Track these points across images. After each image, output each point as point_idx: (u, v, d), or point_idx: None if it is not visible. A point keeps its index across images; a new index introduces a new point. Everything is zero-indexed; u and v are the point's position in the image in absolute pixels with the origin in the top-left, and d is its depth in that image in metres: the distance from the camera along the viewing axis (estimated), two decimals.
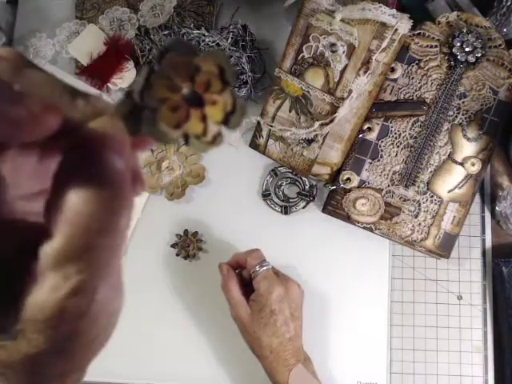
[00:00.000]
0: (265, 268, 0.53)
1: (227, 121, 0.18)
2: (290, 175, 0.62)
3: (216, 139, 0.19)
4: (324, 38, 0.55)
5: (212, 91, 0.18)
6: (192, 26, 0.62)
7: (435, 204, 0.57)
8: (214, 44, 0.60)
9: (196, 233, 0.62)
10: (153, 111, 0.16)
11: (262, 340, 0.51)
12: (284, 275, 0.55)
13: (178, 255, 0.61)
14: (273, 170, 0.62)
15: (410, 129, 0.57)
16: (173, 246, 0.62)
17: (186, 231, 0.62)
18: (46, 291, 0.15)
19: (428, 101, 0.57)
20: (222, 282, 0.55)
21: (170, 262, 0.62)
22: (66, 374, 0.17)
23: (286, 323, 0.52)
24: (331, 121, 0.56)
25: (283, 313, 0.52)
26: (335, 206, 0.59)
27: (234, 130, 0.20)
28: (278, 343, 0.51)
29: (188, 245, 0.61)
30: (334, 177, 0.59)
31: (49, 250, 0.15)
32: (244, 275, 0.55)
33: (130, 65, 0.63)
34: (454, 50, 0.56)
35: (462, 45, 0.55)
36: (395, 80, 0.57)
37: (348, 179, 0.58)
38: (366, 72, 0.54)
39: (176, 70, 0.17)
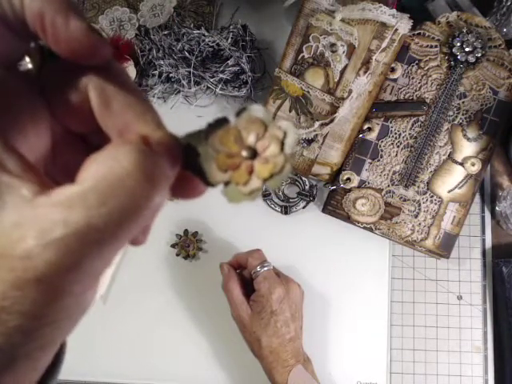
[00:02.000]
0: (266, 268, 0.53)
1: (270, 180, 0.19)
2: (290, 175, 0.62)
3: (253, 193, 0.19)
4: (324, 37, 0.55)
5: (269, 152, 0.19)
6: (192, 25, 0.62)
7: (435, 204, 0.57)
8: (213, 44, 0.61)
9: (196, 233, 0.62)
10: (210, 152, 0.18)
11: (261, 340, 0.51)
12: (285, 276, 0.55)
13: (178, 255, 0.61)
14: None
15: (410, 129, 0.57)
16: (173, 245, 0.62)
17: (185, 231, 0.62)
18: None
19: (428, 101, 0.57)
20: (222, 281, 0.55)
21: (169, 262, 0.62)
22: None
23: (287, 324, 0.52)
24: (331, 121, 0.56)
25: (284, 313, 0.52)
26: (335, 205, 0.59)
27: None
28: (278, 344, 0.51)
29: (188, 245, 0.61)
30: (334, 177, 0.59)
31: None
32: (245, 275, 0.55)
33: (130, 65, 0.63)
34: (454, 50, 0.56)
35: (462, 45, 0.55)
36: (395, 80, 0.57)
37: (348, 179, 0.58)
38: (365, 72, 0.54)
39: (248, 126, 0.18)
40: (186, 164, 0.19)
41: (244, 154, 0.18)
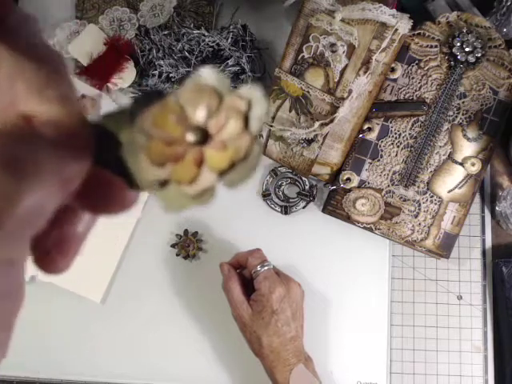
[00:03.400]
0: (266, 268, 0.53)
1: (231, 171, 0.14)
2: (290, 175, 0.62)
3: (204, 195, 0.14)
4: (324, 37, 0.55)
5: (227, 132, 0.13)
6: (192, 25, 0.62)
7: (435, 204, 0.57)
8: (214, 44, 0.61)
9: (196, 233, 0.62)
10: (138, 139, 0.12)
11: (262, 340, 0.51)
12: (285, 275, 0.55)
13: (178, 255, 0.61)
14: (273, 170, 0.62)
15: (410, 129, 0.57)
16: (173, 245, 0.62)
17: (186, 231, 0.62)
18: None
19: (428, 101, 0.57)
20: (223, 281, 0.55)
21: (169, 262, 0.62)
22: None
23: (288, 323, 0.52)
24: (331, 121, 0.56)
25: (284, 313, 0.52)
26: (335, 205, 0.59)
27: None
28: (279, 343, 0.51)
29: (188, 245, 0.61)
30: (334, 177, 0.59)
31: None
32: (245, 275, 0.55)
33: (130, 65, 0.63)
34: (454, 50, 0.56)
35: (462, 45, 0.55)
36: (395, 80, 0.57)
37: (348, 179, 0.58)
38: (365, 72, 0.54)
39: (195, 98, 0.12)
40: (101, 158, 0.13)
41: (190, 138, 0.13)
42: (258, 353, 0.52)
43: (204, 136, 0.13)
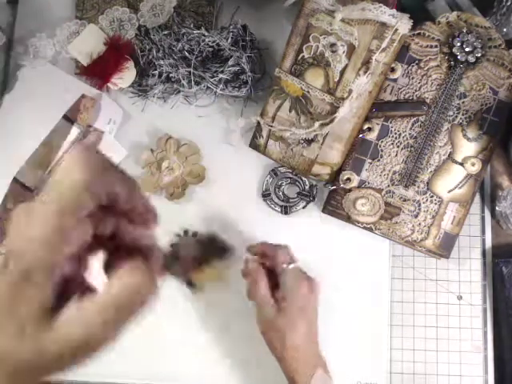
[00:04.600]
0: (294, 265, 0.53)
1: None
2: (290, 175, 0.62)
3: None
4: (324, 37, 0.55)
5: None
6: (192, 25, 0.62)
7: (435, 204, 0.57)
8: (214, 44, 0.61)
9: (196, 233, 0.62)
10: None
11: (286, 339, 0.50)
12: (308, 275, 0.54)
13: None
14: (273, 170, 0.62)
15: (410, 129, 0.57)
16: (172, 246, 0.61)
17: (186, 231, 0.62)
18: None
19: (428, 101, 0.57)
20: (250, 278, 0.53)
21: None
22: None
23: (312, 322, 0.51)
24: (331, 121, 0.56)
25: (310, 311, 0.51)
26: (335, 205, 0.59)
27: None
28: (303, 342, 0.50)
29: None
30: (334, 177, 0.59)
31: None
32: (268, 266, 0.54)
33: (130, 65, 0.63)
34: (454, 50, 0.56)
35: (462, 45, 0.55)
36: (395, 80, 0.57)
37: (348, 179, 0.58)
38: (365, 72, 0.54)
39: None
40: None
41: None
42: (280, 355, 0.51)
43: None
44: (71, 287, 0.24)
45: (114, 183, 0.25)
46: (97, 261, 0.27)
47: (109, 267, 0.27)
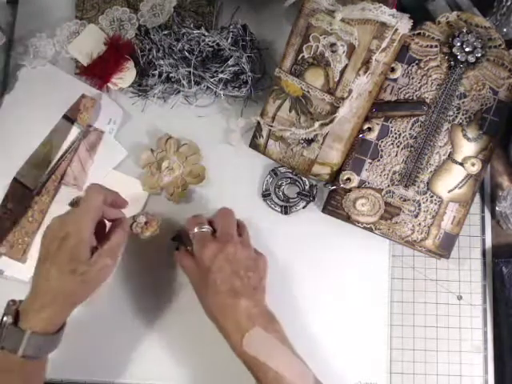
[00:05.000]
0: (202, 229, 0.53)
1: None
2: (290, 175, 0.62)
3: None
4: (324, 37, 0.55)
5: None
6: (192, 25, 0.62)
7: (435, 204, 0.57)
8: (214, 44, 0.61)
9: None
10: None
11: (205, 302, 0.51)
12: (226, 236, 0.53)
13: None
14: (273, 170, 0.62)
15: (410, 129, 0.57)
16: (173, 239, 0.61)
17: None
18: None
19: (428, 101, 0.57)
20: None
21: (169, 261, 0.62)
22: None
23: (228, 281, 0.50)
24: (331, 121, 0.56)
25: (222, 270, 0.50)
26: (335, 206, 0.59)
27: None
28: (222, 302, 0.50)
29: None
30: (334, 177, 0.59)
31: None
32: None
33: (130, 65, 0.63)
34: (454, 50, 0.56)
35: (462, 45, 0.55)
36: (395, 80, 0.57)
37: (348, 179, 0.58)
38: (365, 72, 0.54)
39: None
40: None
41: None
42: (211, 318, 0.51)
43: None
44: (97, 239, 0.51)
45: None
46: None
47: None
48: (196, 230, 0.54)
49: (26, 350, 0.46)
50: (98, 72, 0.63)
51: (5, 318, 0.47)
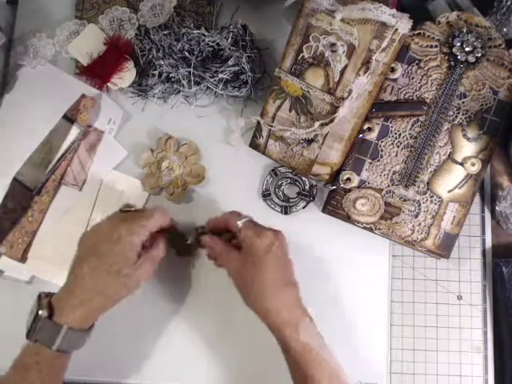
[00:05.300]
0: (245, 219, 0.53)
1: None
2: (290, 175, 0.62)
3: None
4: (324, 38, 0.55)
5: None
6: (192, 25, 0.62)
7: (435, 204, 0.57)
8: (214, 44, 0.61)
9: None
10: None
11: (258, 290, 0.49)
12: (265, 226, 0.54)
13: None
14: (273, 170, 0.62)
15: (410, 129, 0.57)
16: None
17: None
18: None
19: (428, 101, 0.57)
20: (209, 250, 0.55)
21: (169, 262, 0.62)
22: None
23: (285, 268, 0.51)
24: (331, 121, 0.56)
25: (277, 257, 0.51)
26: (335, 206, 0.59)
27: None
28: (279, 291, 0.50)
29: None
30: (334, 177, 0.59)
31: None
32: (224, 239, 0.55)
33: (130, 65, 0.63)
34: (454, 50, 0.56)
35: (462, 45, 0.55)
36: (395, 80, 0.57)
37: (348, 179, 0.58)
38: (366, 72, 0.54)
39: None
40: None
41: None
42: (254, 308, 0.50)
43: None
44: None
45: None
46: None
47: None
48: (243, 220, 0.53)
49: (60, 345, 0.46)
50: (98, 72, 0.63)
51: (40, 312, 0.47)
